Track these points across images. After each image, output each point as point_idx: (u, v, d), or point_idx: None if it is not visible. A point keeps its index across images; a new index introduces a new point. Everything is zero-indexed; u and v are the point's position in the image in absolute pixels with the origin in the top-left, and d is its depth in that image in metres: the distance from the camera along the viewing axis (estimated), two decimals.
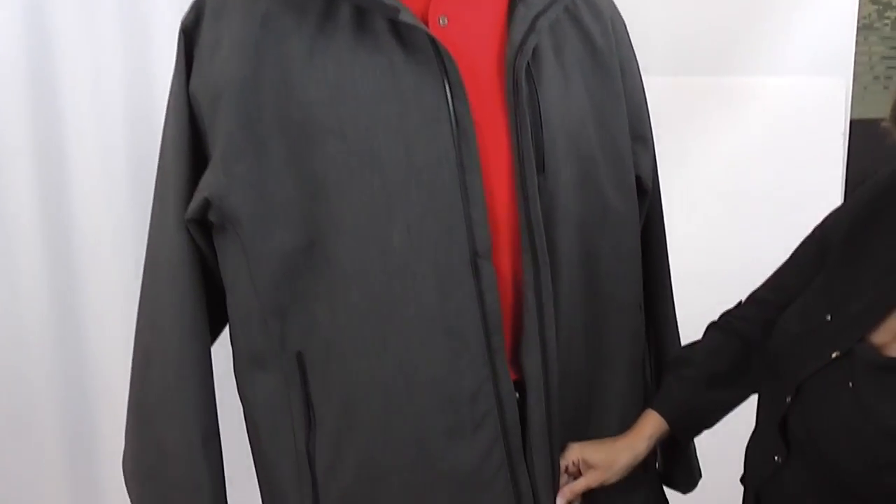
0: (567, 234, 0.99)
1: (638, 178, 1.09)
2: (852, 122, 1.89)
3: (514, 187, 0.96)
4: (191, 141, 0.96)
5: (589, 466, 1.03)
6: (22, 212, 1.61)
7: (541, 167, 0.96)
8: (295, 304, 0.95)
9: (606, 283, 1.04)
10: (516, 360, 1.00)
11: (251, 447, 1.05)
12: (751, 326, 1.07)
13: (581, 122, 1.00)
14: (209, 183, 0.95)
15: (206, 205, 0.95)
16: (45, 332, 1.66)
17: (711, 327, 1.12)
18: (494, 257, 0.94)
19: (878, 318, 0.86)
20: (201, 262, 1.00)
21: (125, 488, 1.07)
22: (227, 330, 1.05)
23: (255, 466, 1.06)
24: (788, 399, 0.91)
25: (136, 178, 1.61)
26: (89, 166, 1.61)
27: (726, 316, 1.12)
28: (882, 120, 0.93)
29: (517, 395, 1.00)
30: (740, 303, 1.12)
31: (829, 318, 0.90)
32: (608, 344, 1.06)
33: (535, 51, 0.96)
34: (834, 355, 0.87)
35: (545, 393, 0.98)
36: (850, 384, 0.84)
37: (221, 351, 1.06)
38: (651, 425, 1.07)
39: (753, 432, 1.02)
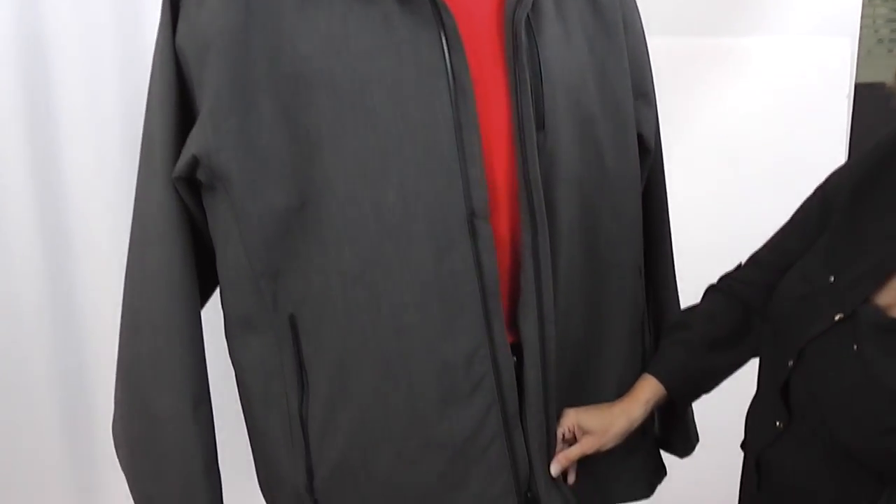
0: (567, 195, 0.96)
1: (640, 137, 1.06)
2: (856, 86, 1.85)
3: (513, 146, 0.93)
4: (178, 96, 0.93)
5: (584, 432, 1.01)
6: (17, 207, 1.60)
7: (540, 124, 0.93)
8: (287, 266, 0.93)
9: (606, 246, 1.02)
10: (514, 324, 0.97)
11: (244, 413, 1.03)
12: (751, 289, 1.05)
13: (582, 78, 0.97)
14: (197, 140, 0.91)
15: (195, 163, 0.92)
16: (43, 327, 1.67)
17: (710, 290, 1.10)
18: (492, 218, 0.92)
19: (882, 280, 0.84)
20: (190, 223, 0.97)
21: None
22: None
23: (248, 432, 1.04)
24: (790, 363, 0.89)
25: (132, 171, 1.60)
26: (85, 161, 1.60)
27: (726, 279, 1.09)
28: (886, 83, 0.92)
29: (514, 358, 0.98)
30: (740, 265, 1.10)
31: (832, 279, 0.88)
32: (607, 308, 1.03)
33: (534, 4, 0.93)
34: (837, 318, 0.85)
35: (541, 357, 0.96)
36: (855, 347, 0.83)
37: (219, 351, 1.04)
38: (648, 390, 1.05)
39: (754, 398, 1.01)
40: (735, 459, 1.04)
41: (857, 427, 0.81)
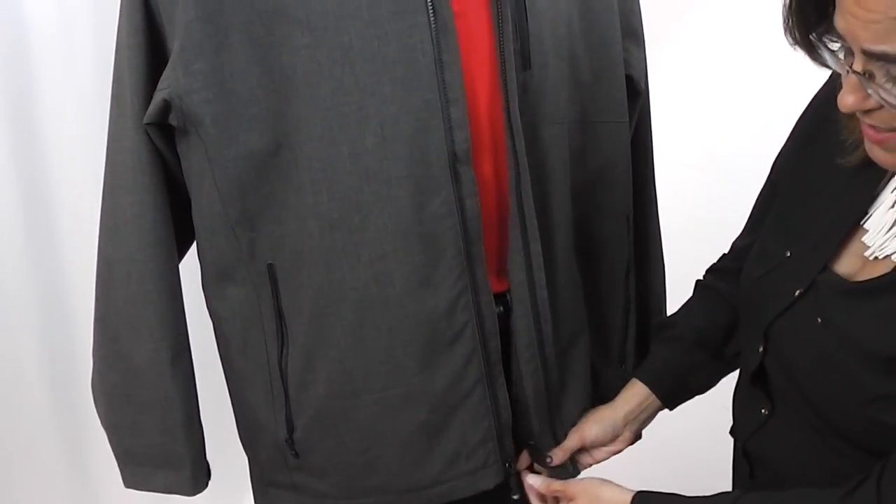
0: (554, 136, 0.93)
1: (629, 79, 1.03)
2: None
3: (497, 85, 0.89)
4: (148, 37, 0.89)
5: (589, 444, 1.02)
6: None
7: (527, 63, 0.89)
8: (263, 213, 0.90)
9: (595, 191, 0.99)
10: (501, 271, 0.95)
11: (222, 364, 1.01)
12: (729, 282, 1.01)
13: (568, 15, 0.93)
14: (168, 82, 0.88)
15: (166, 107, 0.89)
16: (31, 319, 1.70)
17: (697, 286, 1.07)
18: (476, 160, 0.89)
19: (835, 245, 0.79)
20: (164, 170, 0.94)
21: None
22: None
23: (227, 384, 1.02)
24: (760, 348, 0.85)
25: None
26: (70, 157, 1.63)
27: (710, 273, 1.06)
28: None
29: (501, 308, 0.96)
30: (724, 254, 1.06)
31: (787, 254, 0.84)
32: (596, 253, 1.01)
33: None
34: (798, 293, 0.80)
35: (531, 303, 0.94)
36: (819, 319, 0.78)
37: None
38: (634, 394, 1.03)
39: (737, 384, 0.97)
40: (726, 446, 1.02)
41: (838, 402, 0.77)
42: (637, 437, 1.05)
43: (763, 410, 0.86)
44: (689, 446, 1.50)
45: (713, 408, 1.11)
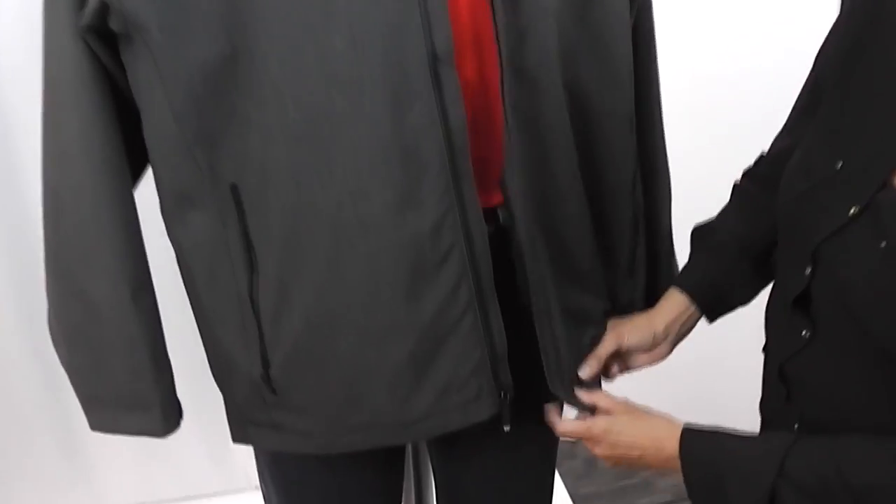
0: (545, 29, 0.83)
1: None
2: None
3: None
4: None
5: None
6: None
7: None
8: (223, 129, 0.80)
9: (594, 92, 0.90)
10: (491, 184, 0.86)
11: (190, 300, 0.93)
12: (766, 188, 0.94)
13: None
14: None
15: (104, 9, 0.78)
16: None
17: (734, 191, 0.99)
18: (458, 62, 0.79)
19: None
20: (110, 84, 0.84)
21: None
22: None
23: (196, 319, 0.93)
24: (807, 271, 0.77)
25: None
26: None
27: (746, 176, 0.99)
28: None
29: (493, 227, 0.88)
30: (760, 156, 0.98)
31: (838, 166, 0.75)
32: (599, 162, 0.92)
33: None
34: (852, 211, 0.72)
35: (528, 218, 0.86)
36: (884, 244, 0.69)
37: None
38: (673, 305, 0.97)
39: (771, 299, 0.90)
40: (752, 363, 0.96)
41: None
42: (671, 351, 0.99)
43: (804, 333, 0.79)
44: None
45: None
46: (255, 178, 0.81)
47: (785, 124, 0.95)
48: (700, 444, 0.84)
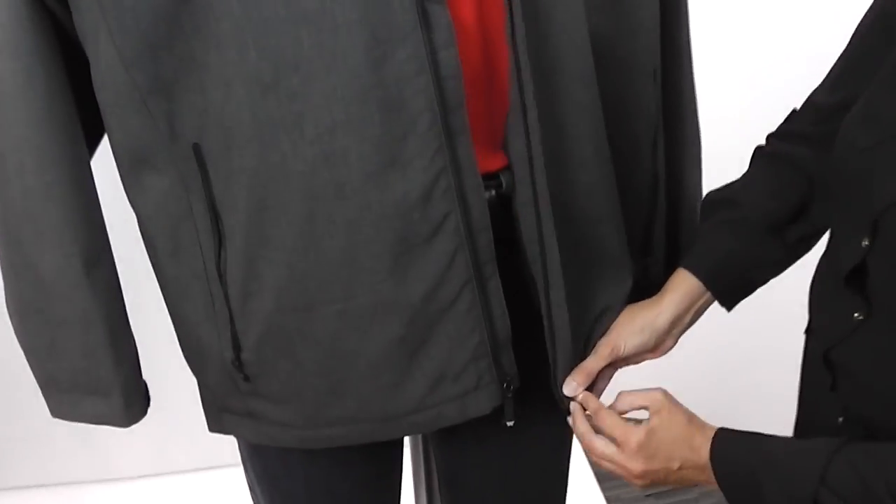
0: None
1: None
2: None
3: None
4: None
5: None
6: None
7: None
8: (180, 79, 0.69)
9: (614, 37, 0.77)
10: (492, 144, 0.75)
11: (155, 273, 0.82)
12: (810, 147, 0.81)
13: None
14: None
15: None
16: None
17: (758, 155, 0.86)
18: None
19: None
20: (54, 28, 0.73)
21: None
22: None
23: (163, 296, 0.83)
24: (864, 242, 0.66)
25: None
26: None
27: (776, 136, 0.85)
28: None
29: (493, 192, 0.77)
30: (794, 112, 0.85)
31: None
32: (615, 116, 0.80)
33: None
34: None
35: (532, 183, 0.74)
36: None
37: None
38: (680, 289, 0.83)
39: (817, 274, 0.78)
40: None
41: None
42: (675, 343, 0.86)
43: (856, 315, 0.68)
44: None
45: None
46: (218, 136, 0.70)
47: (828, 77, 0.82)
48: (735, 447, 0.73)
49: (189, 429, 1.83)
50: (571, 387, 0.81)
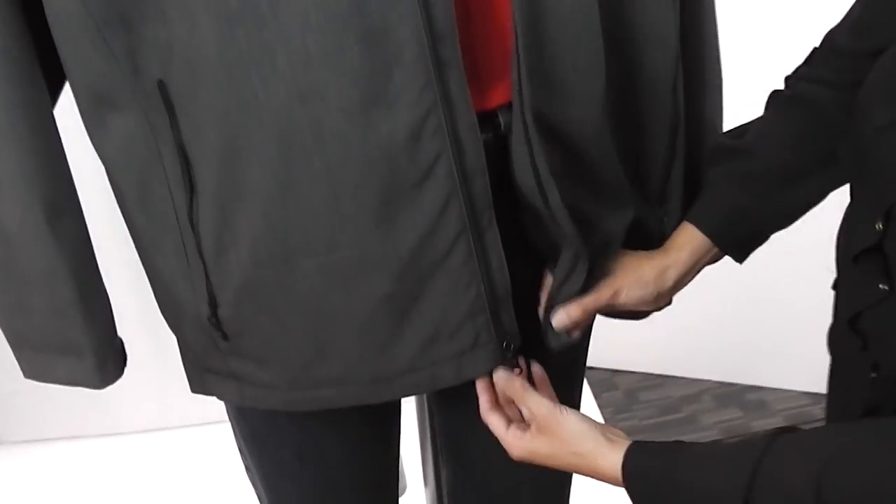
0: None
1: None
2: None
3: None
4: None
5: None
6: None
7: None
8: (139, 9, 0.62)
9: None
10: (490, 79, 0.68)
11: (126, 225, 0.76)
12: (831, 90, 0.74)
13: None
14: None
15: None
16: None
17: (774, 98, 0.78)
18: None
19: None
20: None
21: None
22: None
23: (137, 251, 0.77)
24: (879, 226, 0.60)
25: None
26: None
27: (794, 78, 0.77)
28: None
29: (491, 134, 0.70)
30: (813, 53, 0.77)
31: None
32: (630, 50, 0.72)
33: None
34: None
35: (522, 123, 0.66)
36: None
37: None
38: (687, 243, 0.77)
39: (842, 229, 0.71)
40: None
41: None
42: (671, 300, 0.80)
43: (881, 286, 0.61)
44: None
45: None
46: (184, 71, 0.63)
47: (850, 14, 0.74)
48: (651, 462, 0.66)
49: None
50: (561, 319, 0.75)
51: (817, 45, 0.78)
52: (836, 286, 0.75)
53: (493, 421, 0.74)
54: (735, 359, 1.97)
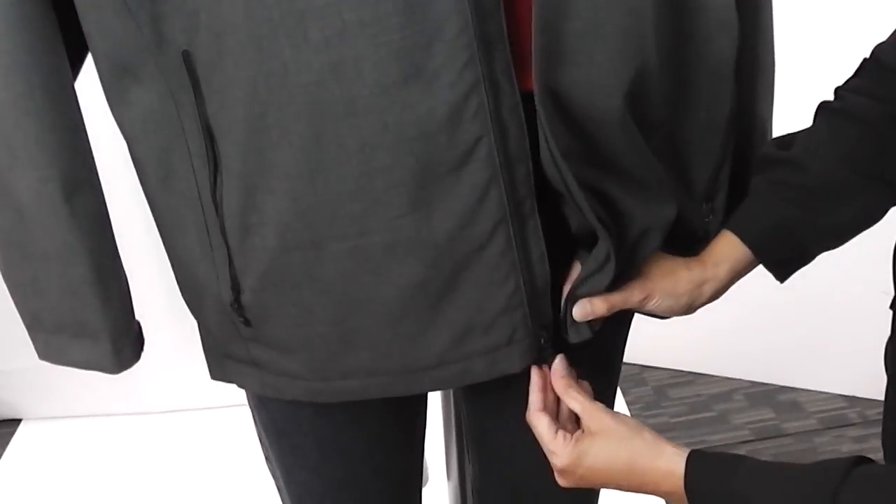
0: None
1: None
2: None
3: None
4: None
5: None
6: None
7: None
8: None
9: None
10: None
11: (148, 204, 0.73)
12: (881, 105, 0.70)
13: None
14: None
15: None
16: None
17: (823, 110, 0.74)
18: None
19: None
20: None
21: None
22: None
23: (159, 231, 0.74)
24: None
25: None
26: None
27: (844, 90, 0.73)
28: None
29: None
30: (864, 64, 0.72)
31: None
32: (697, 35, 0.67)
33: None
34: None
35: (549, 106, 0.62)
36: None
37: None
38: (725, 254, 0.72)
39: None
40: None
41: None
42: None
43: None
44: None
45: None
46: (210, 42, 0.60)
47: None
48: (715, 475, 0.61)
49: None
50: (584, 309, 0.70)
51: (867, 55, 0.74)
52: (893, 305, 0.71)
53: (543, 423, 0.69)
54: (768, 358, 1.92)
